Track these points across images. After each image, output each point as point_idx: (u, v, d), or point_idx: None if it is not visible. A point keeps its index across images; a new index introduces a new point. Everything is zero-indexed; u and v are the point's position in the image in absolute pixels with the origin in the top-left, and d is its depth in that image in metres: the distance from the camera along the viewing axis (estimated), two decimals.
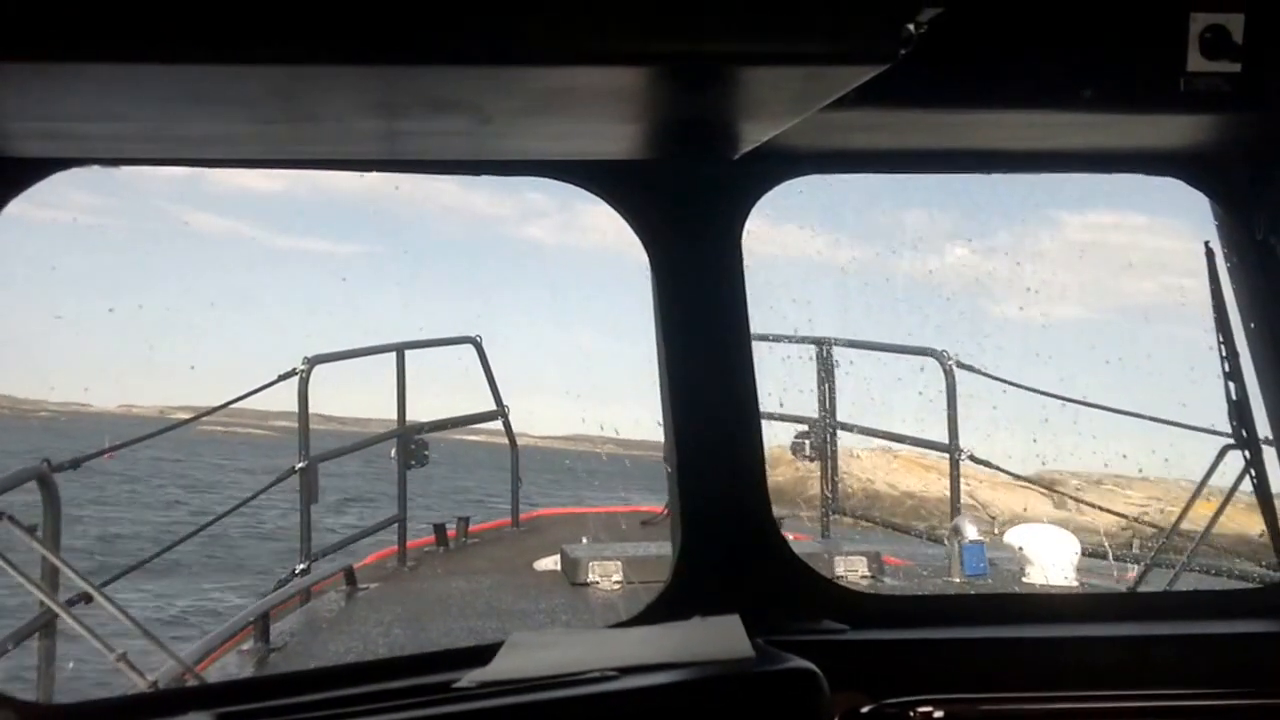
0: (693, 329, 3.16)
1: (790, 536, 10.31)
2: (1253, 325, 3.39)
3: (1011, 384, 10.32)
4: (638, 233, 3.23)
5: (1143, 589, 4.36)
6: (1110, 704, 2.84)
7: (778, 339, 10.75)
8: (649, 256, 3.21)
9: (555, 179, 3.26)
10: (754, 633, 2.77)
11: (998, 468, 10.12)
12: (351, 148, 3.00)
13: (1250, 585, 5.45)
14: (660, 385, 3.22)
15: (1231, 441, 3.43)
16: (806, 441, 10.18)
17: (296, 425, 8.45)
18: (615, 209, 3.27)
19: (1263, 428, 3.37)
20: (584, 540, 8.65)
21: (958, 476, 10.02)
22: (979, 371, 10.07)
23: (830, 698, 2.63)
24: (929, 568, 8.42)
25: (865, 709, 2.81)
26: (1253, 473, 3.36)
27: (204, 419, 9.92)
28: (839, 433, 10.54)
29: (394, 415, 9.61)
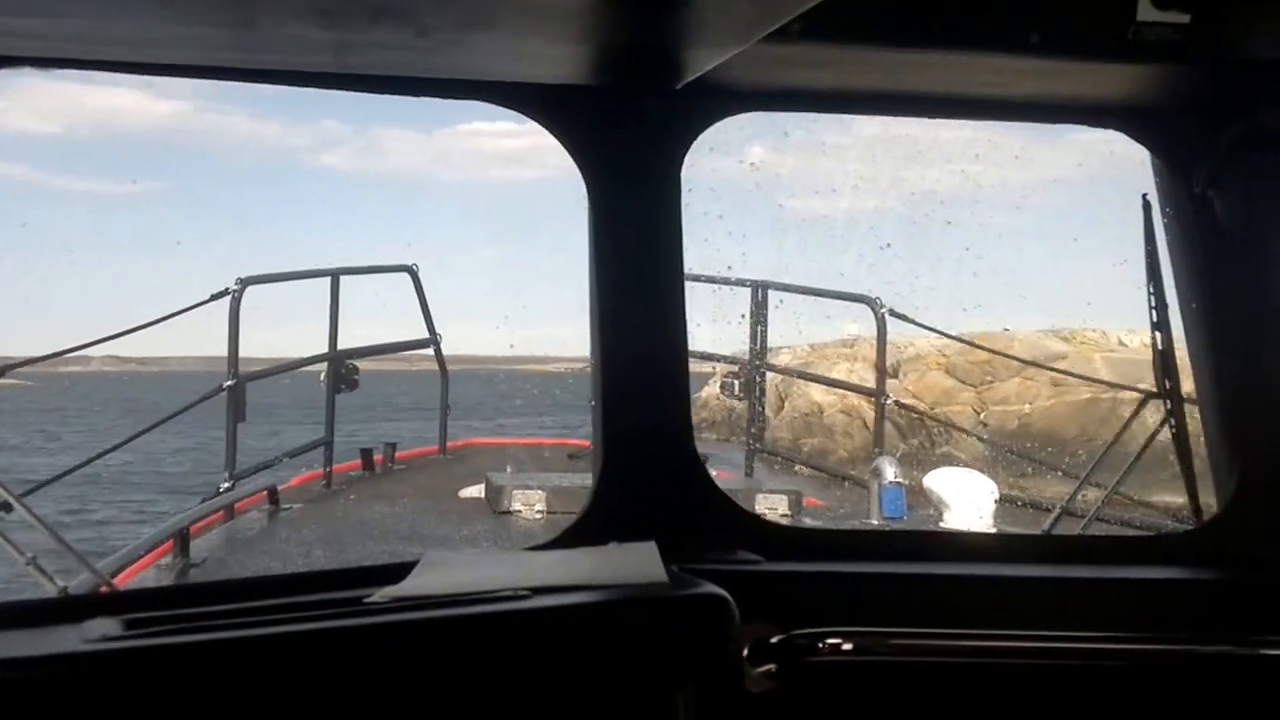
0: (626, 262, 3.14)
1: (714, 473, 10.47)
2: (1185, 278, 3.43)
3: (940, 333, 10.50)
4: (576, 161, 3.19)
5: (1057, 532, 4.45)
6: (1016, 643, 2.89)
7: (713, 280, 10.81)
8: (586, 186, 3.17)
9: (495, 103, 3.21)
10: (670, 560, 2.78)
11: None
12: (291, 58, 2.91)
13: (1151, 533, 5.59)
14: (590, 314, 3.20)
15: (1154, 390, 3.48)
16: (736, 382, 10.25)
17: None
18: (555, 136, 3.22)
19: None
20: (509, 469, 8.66)
21: (882, 419, 10.21)
22: (910, 320, 10.22)
23: (740, 625, 2.65)
24: (848, 508, 8.53)
25: (775, 639, 2.83)
26: (1172, 422, 3.42)
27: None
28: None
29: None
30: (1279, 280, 3.36)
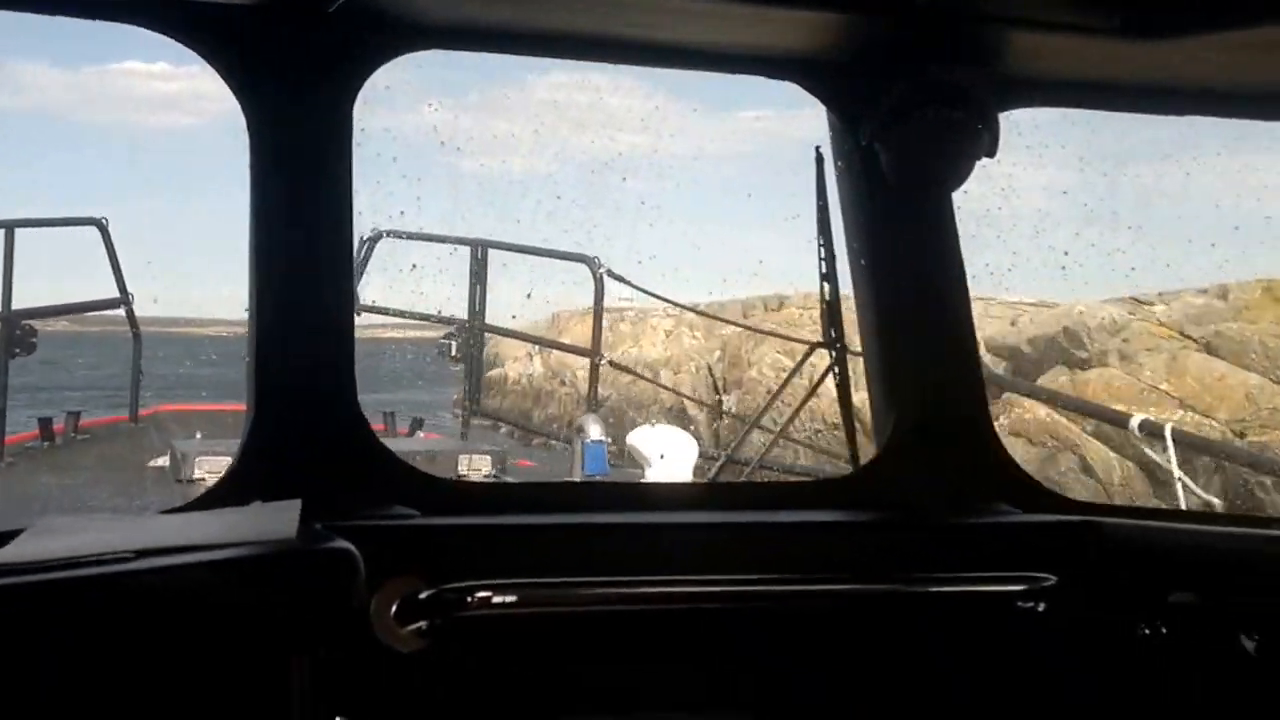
0: (291, 207, 2.92)
1: (421, 435, 10.26)
2: (853, 231, 3.46)
3: (653, 295, 10.58)
4: (236, 95, 2.93)
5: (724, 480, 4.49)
6: (675, 588, 2.86)
7: (430, 238, 10.53)
8: (248, 123, 2.93)
9: (143, 26, 2.91)
10: (319, 518, 2.62)
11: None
12: None
13: (811, 479, 5.76)
14: (249, 261, 2.97)
15: (820, 339, 3.52)
16: (452, 343, 10.04)
17: None
18: (210, 65, 2.95)
19: None
20: (198, 436, 8.18)
21: (596, 380, 10.21)
22: (628, 282, 10.26)
23: (365, 580, 2.51)
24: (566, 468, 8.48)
25: (424, 594, 2.71)
26: (836, 371, 3.46)
27: None
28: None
29: None
30: (943, 234, 3.43)
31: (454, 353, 10.19)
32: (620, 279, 10.08)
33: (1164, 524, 3.29)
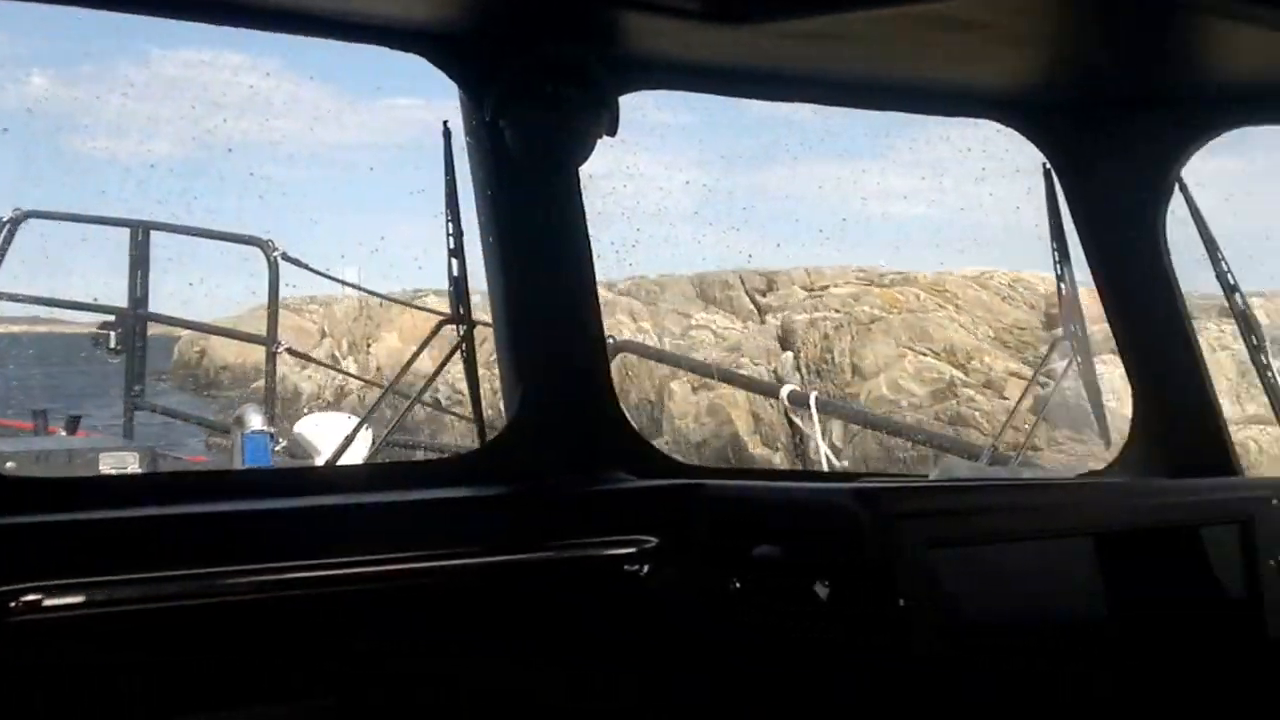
0: None
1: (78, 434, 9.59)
2: (482, 206, 3.47)
3: (330, 277, 10.32)
4: None
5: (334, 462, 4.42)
6: (292, 574, 2.77)
7: (80, 219, 9.87)
8: None
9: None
10: None
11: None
12: None
13: (443, 455, 5.79)
14: None
15: (448, 316, 3.52)
16: (111, 334, 9.43)
17: None
18: None
19: None
20: None
21: (274, 371, 9.84)
22: (303, 265, 9.93)
23: None
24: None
25: None
26: (464, 348, 3.48)
27: None
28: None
29: None
30: (569, 211, 3.50)
31: (113, 344, 9.58)
32: (298, 263, 9.77)
33: (758, 483, 3.49)
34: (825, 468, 6.45)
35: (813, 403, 7.02)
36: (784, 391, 7.64)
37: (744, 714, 2.96)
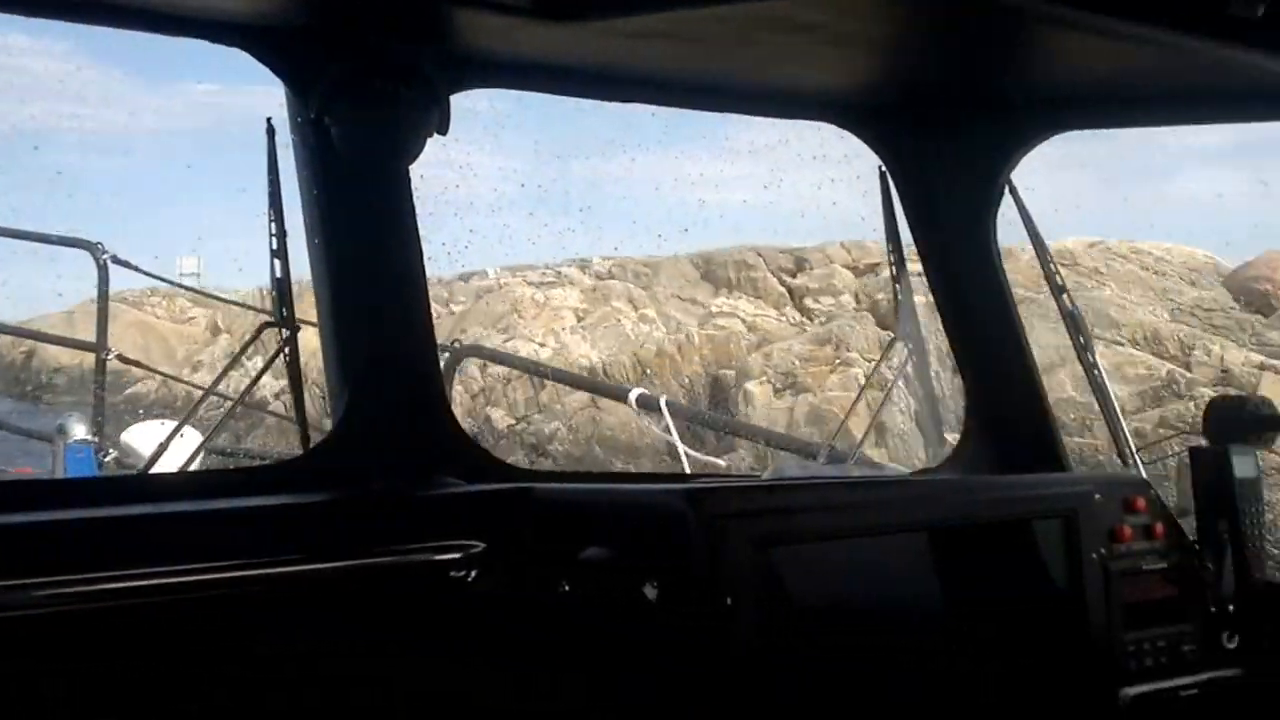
0: None
1: None
2: (308, 205, 3.36)
3: (160, 278, 9.96)
4: None
5: (156, 471, 4.26)
6: (107, 585, 2.61)
7: None
8: None
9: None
10: None
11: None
12: None
13: (268, 462, 5.65)
14: None
15: (271, 319, 3.40)
16: None
17: None
18: None
19: None
20: None
21: (103, 379, 9.42)
22: (134, 267, 9.55)
23: None
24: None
25: None
26: (286, 351, 3.36)
27: None
28: None
29: None
30: (398, 211, 3.41)
31: None
32: (128, 265, 9.39)
33: (588, 485, 3.46)
34: (686, 469, 6.45)
35: (663, 405, 7.04)
36: (632, 396, 7.63)
37: (569, 717, 2.92)
